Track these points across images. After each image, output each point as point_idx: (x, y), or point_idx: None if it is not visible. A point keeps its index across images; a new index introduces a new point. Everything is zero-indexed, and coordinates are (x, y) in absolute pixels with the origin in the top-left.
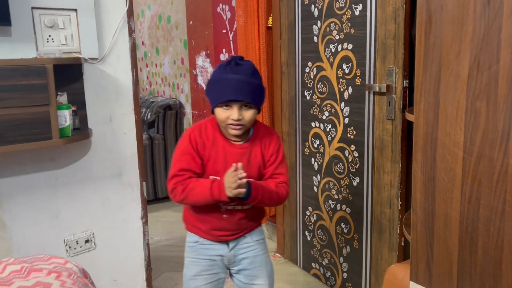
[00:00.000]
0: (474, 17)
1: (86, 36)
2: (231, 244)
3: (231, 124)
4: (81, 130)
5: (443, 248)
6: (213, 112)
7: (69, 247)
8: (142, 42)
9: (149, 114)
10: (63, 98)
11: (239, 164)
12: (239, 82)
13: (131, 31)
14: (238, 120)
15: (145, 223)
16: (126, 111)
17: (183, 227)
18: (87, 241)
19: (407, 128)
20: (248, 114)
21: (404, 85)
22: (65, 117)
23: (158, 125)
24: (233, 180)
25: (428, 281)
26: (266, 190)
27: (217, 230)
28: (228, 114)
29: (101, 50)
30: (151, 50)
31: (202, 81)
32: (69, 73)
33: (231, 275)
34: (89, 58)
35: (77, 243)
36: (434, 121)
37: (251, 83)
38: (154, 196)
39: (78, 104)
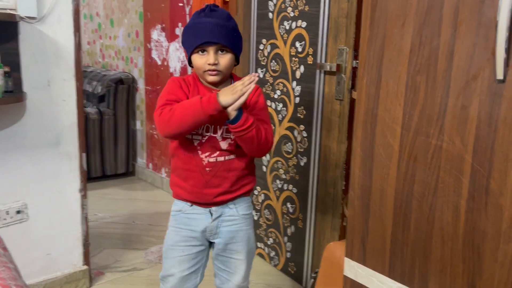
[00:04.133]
0: None
1: None
2: (215, 214)
3: (209, 70)
4: (14, 93)
5: (378, 224)
6: (190, 63)
7: None
8: (97, 13)
9: (100, 87)
10: None
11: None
12: (214, 25)
13: None
14: (215, 64)
15: (84, 196)
16: (66, 77)
17: (129, 206)
18: (18, 211)
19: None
20: (225, 59)
21: (353, 65)
22: None
23: (109, 100)
24: (239, 87)
25: (362, 258)
26: (257, 124)
27: (200, 186)
28: (204, 60)
29: (40, 10)
30: (106, 21)
31: (156, 56)
32: (2, 32)
33: (211, 246)
34: (27, 17)
35: (8, 214)
36: (375, 96)
37: (225, 26)
38: (102, 173)
39: (12, 66)
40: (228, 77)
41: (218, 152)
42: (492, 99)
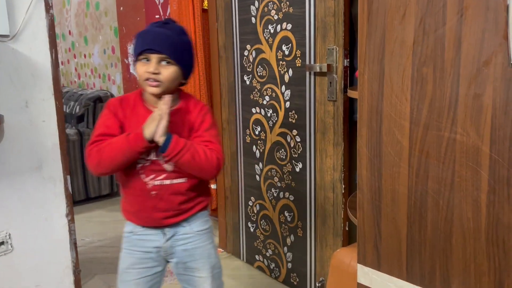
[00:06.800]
0: None
1: None
2: (168, 234)
3: (148, 79)
4: None
5: (391, 226)
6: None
7: None
8: (69, 31)
9: (78, 107)
10: None
11: (167, 96)
12: (161, 34)
13: (48, 7)
14: (155, 74)
15: (71, 220)
16: (45, 96)
17: (117, 228)
18: (2, 243)
19: (350, 109)
20: (168, 71)
21: (345, 64)
22: None
23: (88, 119)
24: (156, 114)
25: (377, 263)
26: (191, 145)
27: (148, 211)
28: (145, 68)
29: (12, 27)
30: (79, 39)
31: (135, 71)
32: None
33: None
34: None
35: None
36: (379, 92)
37: (173, 37)
38: (85, 196)
39: None
40: (173, 93)
41: (164, 175)
42: (507, 85)
